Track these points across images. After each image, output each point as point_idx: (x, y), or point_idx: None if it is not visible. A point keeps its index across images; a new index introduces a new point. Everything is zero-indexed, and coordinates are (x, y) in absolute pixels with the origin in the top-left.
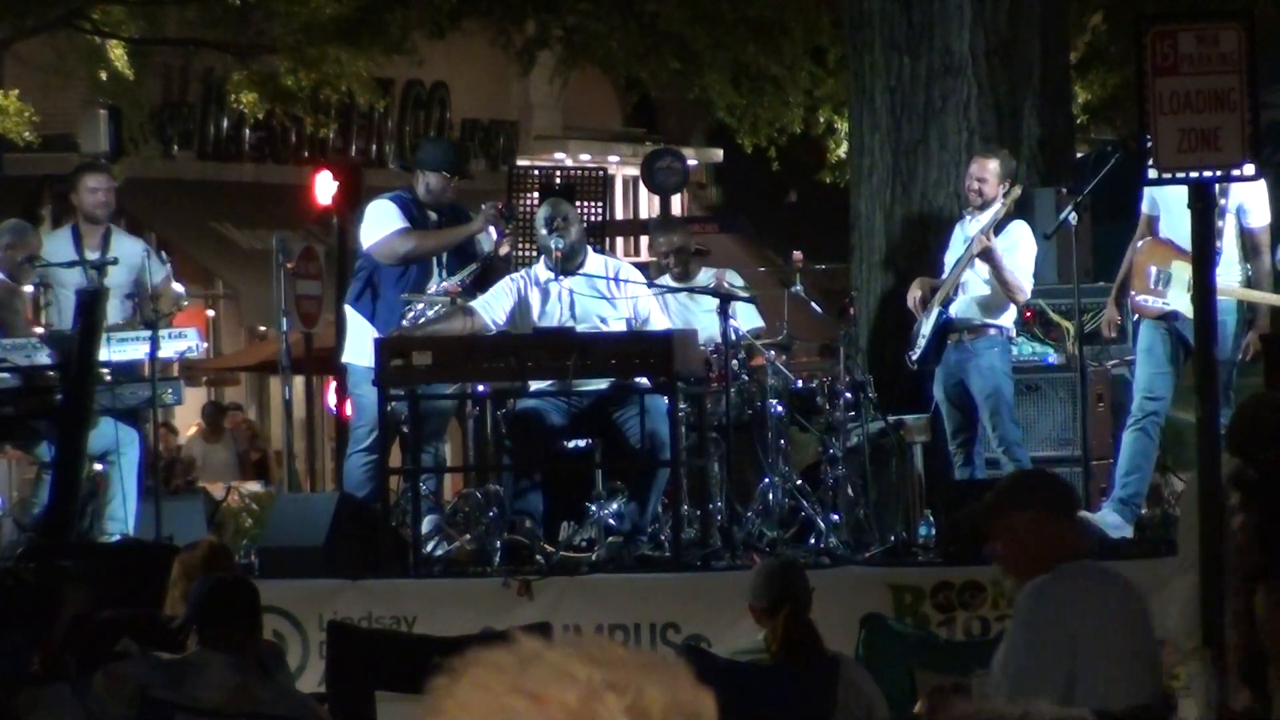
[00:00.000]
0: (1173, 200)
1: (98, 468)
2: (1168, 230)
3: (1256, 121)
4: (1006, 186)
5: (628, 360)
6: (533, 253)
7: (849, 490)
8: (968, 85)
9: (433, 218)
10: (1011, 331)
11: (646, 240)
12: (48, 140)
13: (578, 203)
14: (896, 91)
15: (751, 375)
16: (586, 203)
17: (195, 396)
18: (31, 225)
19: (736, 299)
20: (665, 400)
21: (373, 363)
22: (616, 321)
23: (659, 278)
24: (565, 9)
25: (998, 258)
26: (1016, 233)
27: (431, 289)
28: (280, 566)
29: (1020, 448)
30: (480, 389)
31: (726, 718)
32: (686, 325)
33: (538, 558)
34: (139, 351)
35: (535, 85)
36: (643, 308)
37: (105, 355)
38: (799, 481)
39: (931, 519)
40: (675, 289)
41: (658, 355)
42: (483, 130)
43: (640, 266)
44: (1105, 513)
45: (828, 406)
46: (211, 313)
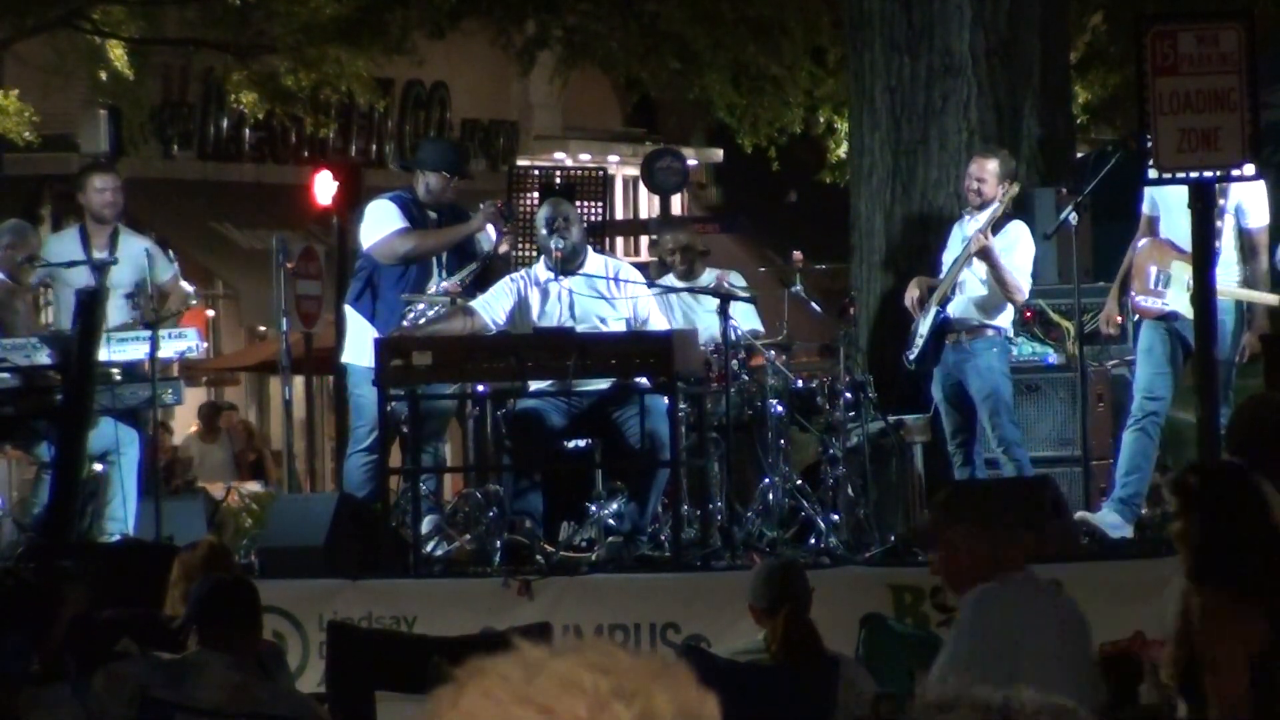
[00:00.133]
0: (1173, 200)
1: (98, 468)
2: (1167, 230)
3: (1256, 121)
4: (1006, 186)
5: (628, 360)
6: (533, 253)
7: (849, 490)
8: (968, 85)
9: (432, 218)
10: (1009, 332)
11: (647, 240)
12: (48, 140)
13: (578, 203)
14: (896, 91)
15: (751, 375)
16: (586, 203)
17: (195, 396)
18: (31, 225)
19: (736, 299)
20: (665, 400)
21: (373, 363)
22: (616, 322)
23: (663, 276)
24: (565, 9)
25: (995, 257)
26: (1014, 232)
27: (431, 289)
28: (280, 566)
29: (1019, 448)
30: (480, 389)
31: (727, 718)
32: (690, 324)
33: (538, 558)
34: (139, 351)
35: (535, 85)
36: (642, 308)
37: (105, 355)
38: (799, 481)
39: None
40: (676, 289)
41: (658, 355)
42: (483, 130)
43: (640, 266)
44: (1105, 513)
45: (828, 406)
46: (211, 313)
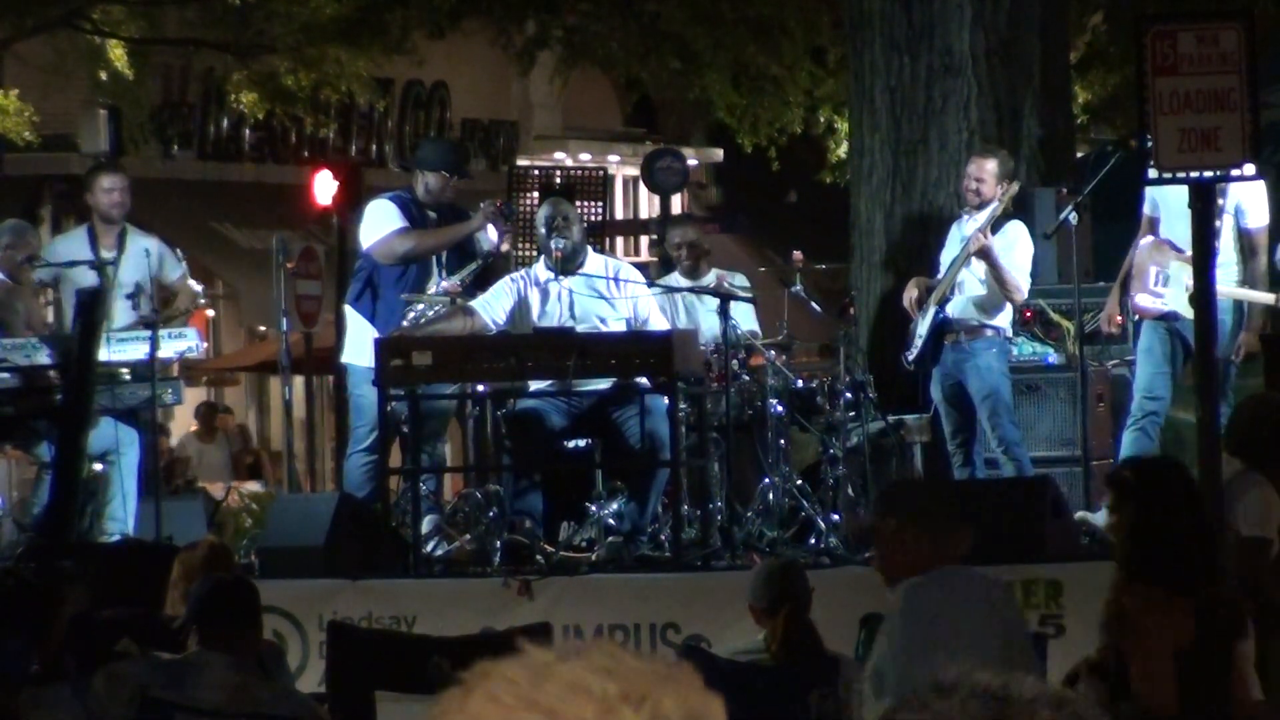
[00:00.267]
0: (1172, 201)
1: (98, 468)
2: (1167, 231)
3: (1256, 121)
4: (1005, 186)
5: (628, 360)
6: (533, 253)
7: (849, 490)
8: (968, 85)
9: (432, 217)
10: (1008, 332)
11: (647, 240)
12: (48, 140)
13: (578, 203)
14: (896, 91)
15: (751, 375)
16: (586, 203)
17: (195, 396)
18: (31, 225)
19: (736, 299)
20: (665, 400)
21: (373, 363)
22: (616, 322)
23: (667, 274)
24: (565, 9)
25: (995, 256)
26: (1013, 232)
27: (431, 289)
28: (280, 566)
29: (1019, 447)
30: (480, 389)
31: (728, 718)
32: (693, 322)
33: (538, 558)
34: (139, 351)
35: (535, 85)
36: (642, 308)
37: (106, 355)
38: (799, 481)
39: None
40: (676, 288)
41: (658, 355)
42: (483, 130)
43: (640, 266)
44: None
45: (828, 406)
46: (211, 313)
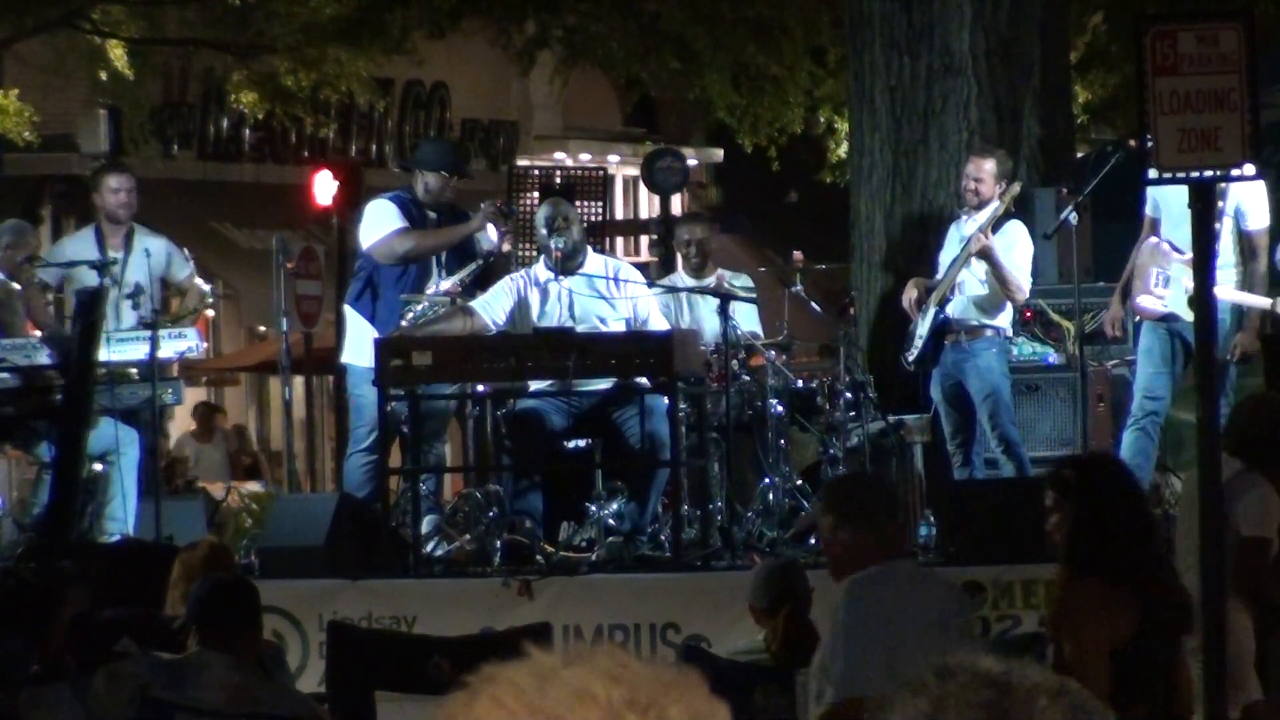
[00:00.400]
0: (1173, 202)
1: (98, 468)
2: (1168, 232)
3: (1256, 121)
4: (1003, 186)
5: (628, 360)
6: (533, 253)
7: None
8: (968, 85)
9: (432, 217)
10: (1008, 332)
11: (647, 240)
12: (48, 140)
13: (578, 203)
14: (896, 91)
15: (751, 375)
16: (586, 203)
17: (195, 396)
18: (31, 225)
19: (736, 299)
20: (665, 400)
21: (373, 363)
22: (616, 322)
23: (670, 273)
24: (565, 9)
25: (996, 256)
26: (1013, 232)
27: (431, 289)
28: (280, 566)
29: (1019, 447)
30: (480, 389)
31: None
32: (695, 321)
33: (538, 558)
34: (139, 352)
35: (535, 85)
36: (642, 308)
37: (105, 355)
38: (799, 481)
39: (932, 519)
40: (677, 288)
41: (658, 355)
42: (483, 130)
43: (640, 266)
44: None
45: (828, 406)
46: (211, 313)
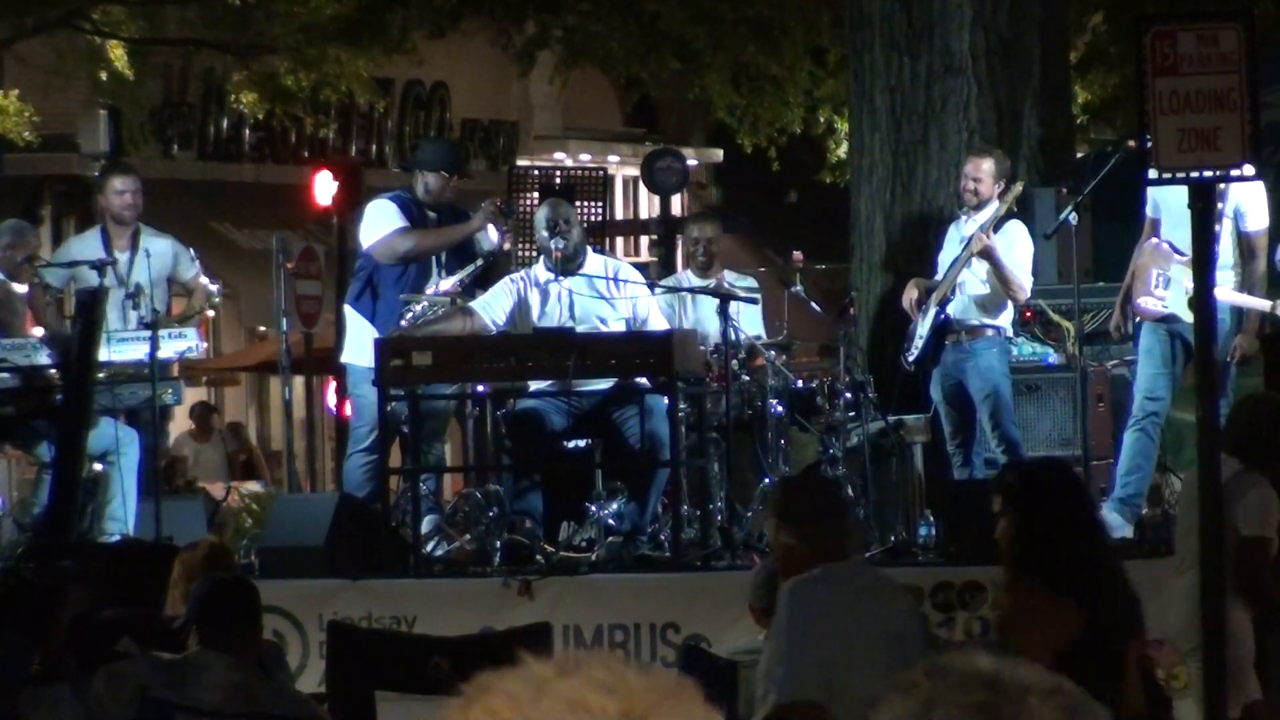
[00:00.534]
0: (1173, 203)
1: (98, 468)
2: (1168, 233)
3: (1256, 121)
4: (1002, 186)
5: (628, 360)
6: (533, 253)
7: (849, 490)
8: (968, 85)
9: (432, 217)
10: (1009, 332)
11: (647, 240)
12: (48, 140)
13: (578, 203)
14: (896, 91)
15: (751, 375)
16: (586, 203)
17: (195, 396)
18: (31, 225)
19: (738, 299)
20: (665, 400)
21: (373, 363)
22: (616, 322)
23: (671, 273)
24: (565, 9)
25: (997, 256)
26: (1013, 232)
27: (431, 289)
28: (280, 566)
29: (1020, 448)
30: (480, 389)
31: (728, 718)
32: (697, 321)
33: (538, 558)
34: (139, 352)
35: (535, 85)
36: (642, 308)
37: (106, 355)
38: None
39: (931, 519)
40: (677, 289)
41: (658, 355)
42: (483, 130)
43: (640, 267)
44: (1105, 513)
45: (828, 406)
46: (211, 313)
